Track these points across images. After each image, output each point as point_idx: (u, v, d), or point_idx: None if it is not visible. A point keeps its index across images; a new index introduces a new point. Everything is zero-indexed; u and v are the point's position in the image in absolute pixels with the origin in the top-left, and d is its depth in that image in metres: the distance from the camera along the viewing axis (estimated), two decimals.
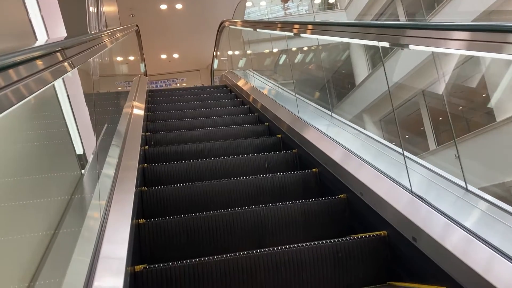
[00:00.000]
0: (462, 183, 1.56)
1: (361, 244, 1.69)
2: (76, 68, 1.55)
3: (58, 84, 1.50)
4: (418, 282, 1.48)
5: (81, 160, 1.69)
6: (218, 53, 8.28)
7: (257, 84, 5.02)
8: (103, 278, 1.24)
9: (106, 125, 2.28)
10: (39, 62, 1.03)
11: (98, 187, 1.63)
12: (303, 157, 2.72)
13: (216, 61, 8.74)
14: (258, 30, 4.97)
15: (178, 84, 15.58)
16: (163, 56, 14.48)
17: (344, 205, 2.07)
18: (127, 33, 4.74)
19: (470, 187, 1.52)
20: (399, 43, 1.80)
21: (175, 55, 14.54)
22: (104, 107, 2.62)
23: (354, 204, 2.01)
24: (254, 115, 4.04)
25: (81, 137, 1.70)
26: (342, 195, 2.09)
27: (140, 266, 1.57)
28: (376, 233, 1.72)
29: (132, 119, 3.27)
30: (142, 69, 7.73)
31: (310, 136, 2.66)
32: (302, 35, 3.22)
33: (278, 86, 4.43)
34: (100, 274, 1.25)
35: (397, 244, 1.63)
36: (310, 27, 3.02)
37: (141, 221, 1.91)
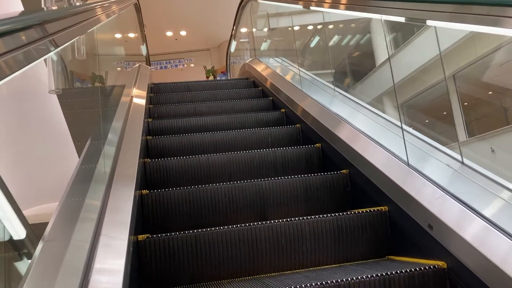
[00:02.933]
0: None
1: (362, 219, 1.71)
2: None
3: None
4: (418, 257, 1.50)
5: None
6: (237, 34, 6.76)
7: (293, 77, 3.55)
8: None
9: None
10: None
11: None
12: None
13: (233, 43, 7.13)
14: (312, 8, 2.95)
15: (185, 65, 13.78)
16: (169, 34, 12.71)
17: (346, 180, 2.08)
18: (121, 8, 3.33)
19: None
20: None
21: (183, 33, 12.78)
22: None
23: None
24: (295, 127, 2.77)
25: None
26: (344, 170, 2.10)
27: (143, 235, 1.59)
28: (377, 208, 1.73)
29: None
30: (144, 51, 6.36)
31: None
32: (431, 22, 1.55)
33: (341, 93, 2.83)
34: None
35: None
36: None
37: (144, 191, 1.93)
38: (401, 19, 1.93)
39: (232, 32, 6.81)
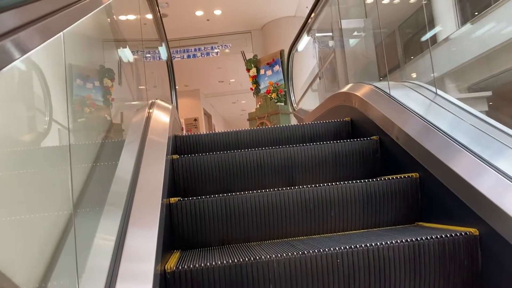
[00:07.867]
0: None
1: (392, 185, 1.69)
2: None
3: None
4: (448, 224, 1.48)
5: None
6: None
7: None
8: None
9: None
10: None
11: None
12: None
13: (304, 39, 4.38)
14: None
15: (219, 52, 10.48)
16: (199, 13, 9.82)
17: (375, 146, 2.06)
18: None
19: None
20: None
21: (217, 12, 9.86)
22: None
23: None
24: None
25: None
26: (374, 137, 2.07)
27: (175, 198, 1.64)
28: (408, 174, 1.71)
29: None
30: (164, 54, 4.31)
31: None
32: None
33: None
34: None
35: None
36: None
37: (174, 156, 1.97)
38: None
39: (308, 20, 3.74)
